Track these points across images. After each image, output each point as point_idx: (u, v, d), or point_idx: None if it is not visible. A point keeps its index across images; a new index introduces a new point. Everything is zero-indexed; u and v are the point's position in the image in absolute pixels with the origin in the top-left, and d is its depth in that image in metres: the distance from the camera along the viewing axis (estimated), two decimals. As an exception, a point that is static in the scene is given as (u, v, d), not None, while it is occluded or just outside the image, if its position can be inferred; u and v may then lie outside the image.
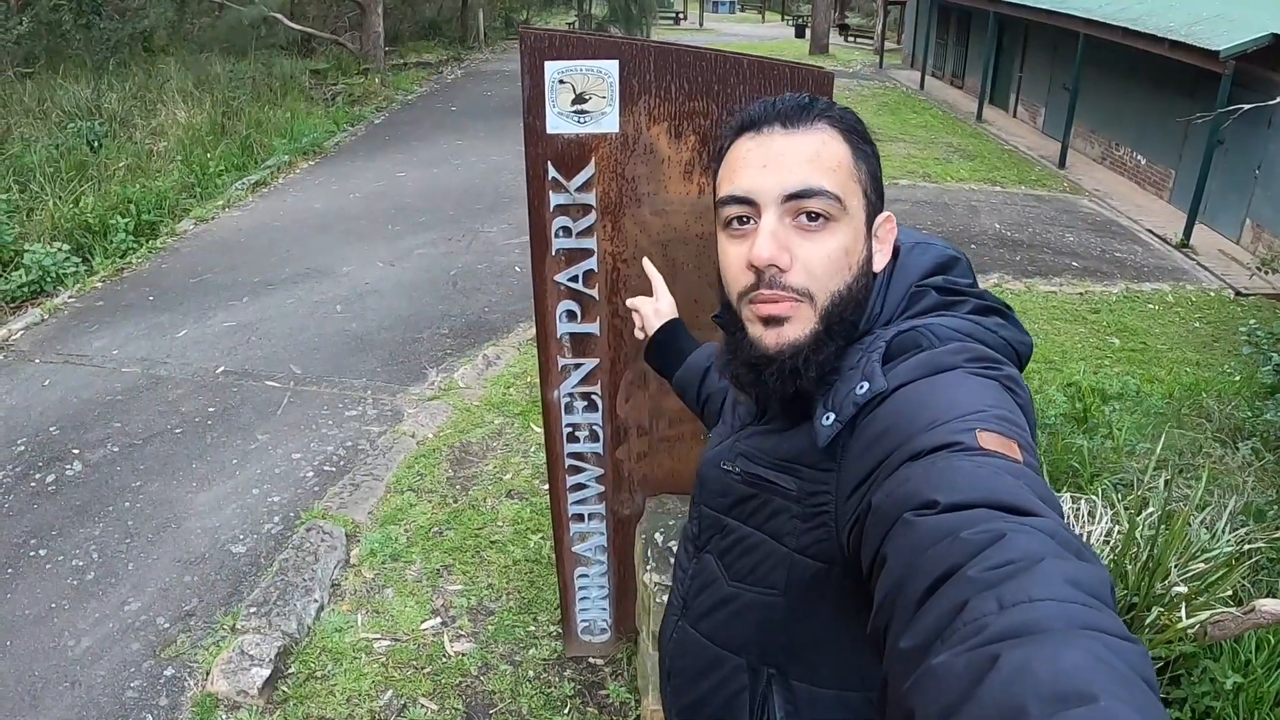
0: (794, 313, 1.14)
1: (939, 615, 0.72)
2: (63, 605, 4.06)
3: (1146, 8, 12.30)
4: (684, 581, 1.46)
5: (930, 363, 1.08)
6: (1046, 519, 0.79)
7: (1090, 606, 0.67)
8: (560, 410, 2.99)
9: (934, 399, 1.02)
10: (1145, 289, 9.18)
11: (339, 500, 4.72)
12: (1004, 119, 18.23)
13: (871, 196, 1.19)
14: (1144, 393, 6.14)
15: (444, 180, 11.37)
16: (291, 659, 3.70)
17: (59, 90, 13.06)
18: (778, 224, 1.13)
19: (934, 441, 0.94)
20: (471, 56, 23.22)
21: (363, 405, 5.80)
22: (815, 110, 1.17)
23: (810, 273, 1.13)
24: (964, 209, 11.46)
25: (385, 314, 7.24)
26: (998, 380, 1.06)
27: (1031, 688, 0.60)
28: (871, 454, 1.04)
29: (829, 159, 1.14)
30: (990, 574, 0.71)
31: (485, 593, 4.08)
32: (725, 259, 1.21)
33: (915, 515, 0.85)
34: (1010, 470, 0.87)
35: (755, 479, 1.26)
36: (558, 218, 2.70)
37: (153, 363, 6.37)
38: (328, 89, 16.84)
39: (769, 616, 1.26)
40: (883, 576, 0.85)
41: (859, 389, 1.10)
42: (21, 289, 7.57)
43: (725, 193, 1.18)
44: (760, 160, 1.15)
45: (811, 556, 1.17)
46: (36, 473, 5.05)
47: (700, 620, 1.40)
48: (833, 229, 1.13)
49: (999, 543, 0.74)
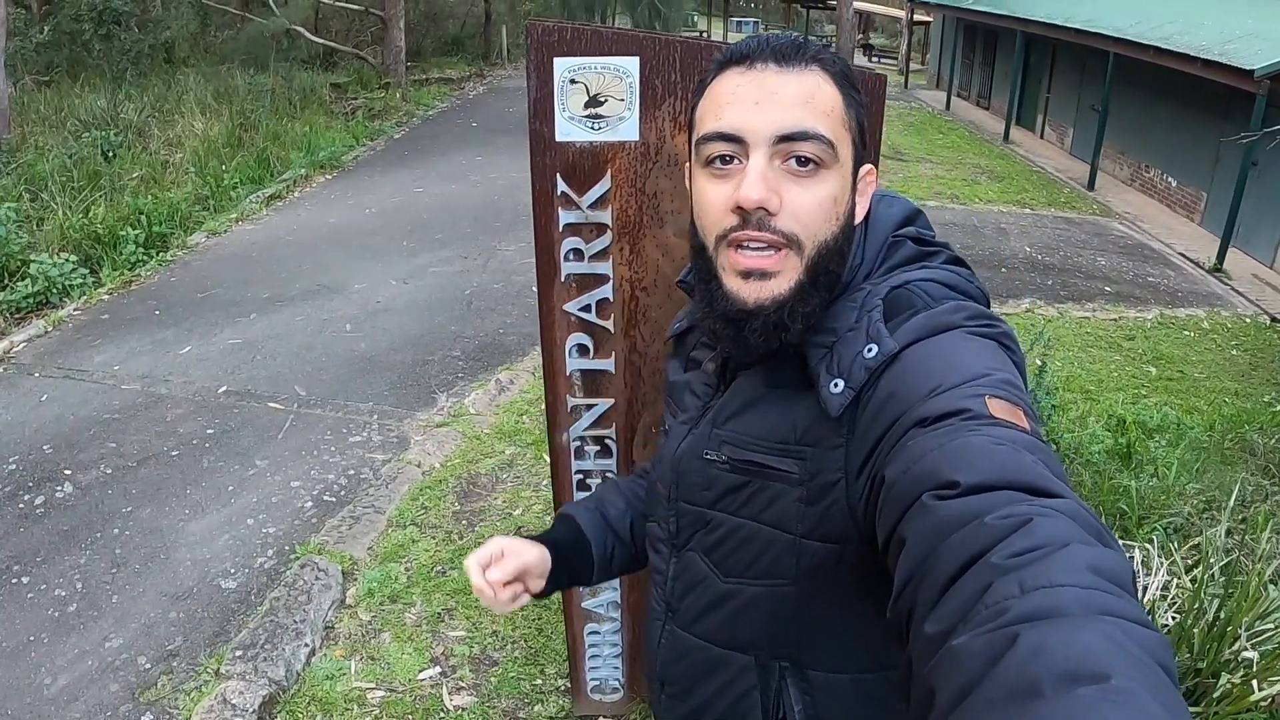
0: (781, 266, 1.08)
1: (963, 600, 0.72)
2: (41, 638, 3.83)
3: (1178, 26, 12.04)
4: (664, 585, 1.36)
5: (930, 324, 1.06)
6: (1068, 500, 0.78)
7: (1110, 593, 0.66)
8: (570, 455, 2.65)
9: (938, 361, 1.01)
10: (1180, 315, 8.91)
11: (337, 534, 4.45)
12: (1031, 140, 17.98)
13: (859, 146, 1.14)
14: (1184, 425, 5.88)
15: (462, 197, 11.14)
16: (278, 709, 3.44)
17: (76, 99, 12.96)
18: (767, 165, 1.06)
19: (943, 407, 0.93)
20: (494, 73, 23.05)
21: (368, 430, 5.55)
22: (809, 51, 1.10)
23: (799, 219, 1.07)
24: (993, 231, 11.19)
25: (396, 334, 6.99)
26: (996, 340, 1.05)
27: (1046, 666, 0.60)
28: (879, 421, 1.02)
29: (823, 102, 1.08)
30: (1014, 560, 0.71)
31: (489, 640, 3.80)
32: (704, 198, 1.12)
33: (935, 498, 0.82)
34: (1026, 444, 0.86)
35: (748, 466, 1.18)
36: (568, 238, 2.38)
37: (154, 380, 6.15)
38: (348, 103, 16.69)
39: (778, 608, 1.19)
40: (902, 559, 0.83)
41: (867, 352, 1.06)
42: (26, 300, 7.37)
43: (710, 129, 1.10)
44: (751, 96, 1.07)
45: (821, 539, 1.12)
46: (26, 494, 4.83)
47: (694, 623, 1.31)
48: (823, 176, 1.08)
49: (1024, 528, 0.73)
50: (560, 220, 2.36)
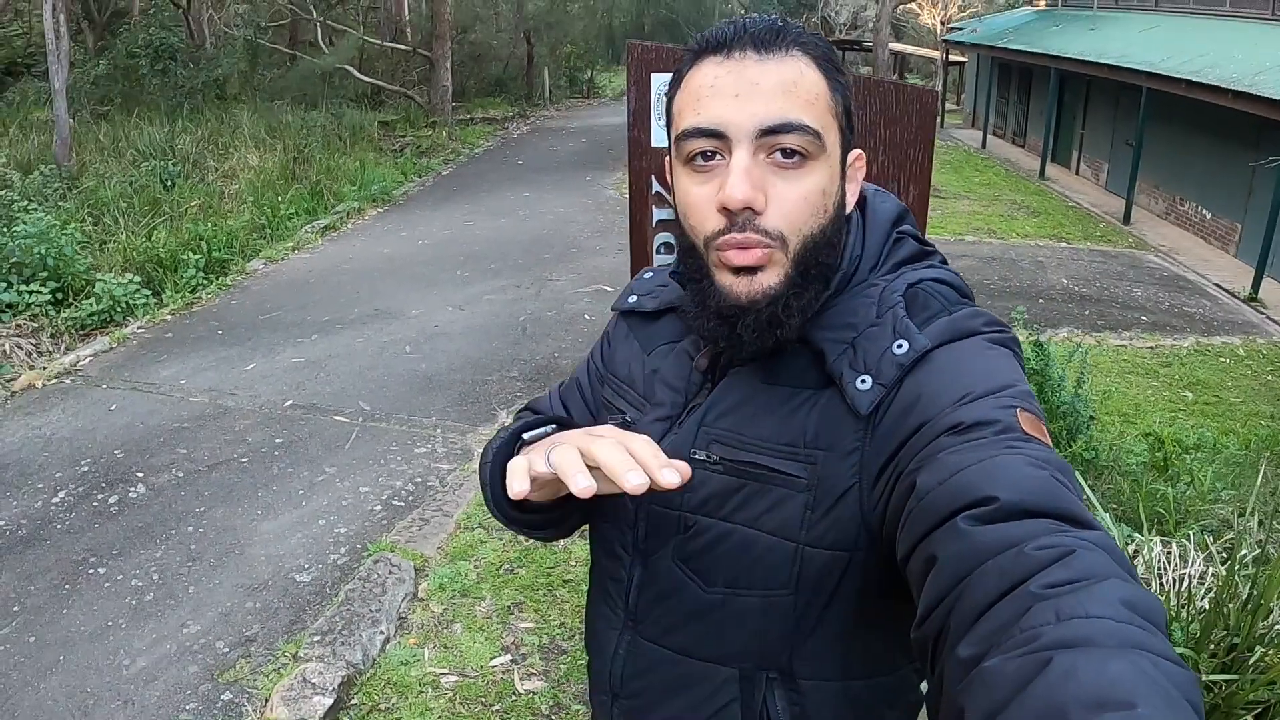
0: (767, 260, 1.03)
1: (998, 624, 0.72)
2: (119, 624, 4.04)
3: (1209, 59, 12.17)
4: (622, 593, 1.24)
5: (954, 328, 1.04)
6: (1100, 532, 0.78)
7: (1144, 629, 0.67)
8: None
9: (965, 367, 0.99)
10: (1216, 342, 8.98)
11: (407, 534, 4.67)
12: (1067, 176, 18.08)
13: (847, 132, 1.09)
14: (1221, 444, 5.98)
15: (511, 230, 11.44)
16: (355, 690, 3.63)
17: (133, 130, 13.42)
18: (751, 161, 1.01)
19: (975, 416, 0.91)
20: (537, 113, 23.52)
21: (432, 443, 5.77)
22: (789, 35, 1.04)
23: (785, 215, 1.02)
24: (1030, 264, 11.32)
25: (454, 356, 7.24)
26: (1009, 347, 1.05)
27: (1075, 693, 0.61)
28: (904, 425, 0.98)
29: (807, 90, 1.02)
30: (1052, 589, 0.71)
31: (558, 631, 3.99)
32: (688, 200, 1.07)
33: (972, 520, 0.81)
34: (1059, 466, 0.86)
35: (744, 468, 1.09)
36: (660, 234, 2.64)
37: (220, 393, 6.41)
38: (396, 140, 17.15)
39: (773, 618, 1.11)
40: (932, 579, 0.81)
41: (896, 348, 1.02)
42: (91, 317, 7.70)
43: (689, 124, 1.04)
44: (731, 88, 1.02)
45: (827, 546, 1.05)
46: (99, 493, 5.08)
47: (666, 634, 1.20)
48: (810, 167, 1.03)
49: (1064, 560, 0.73)
50: (654, 217, 2.61)
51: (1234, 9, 14.30)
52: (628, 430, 1.00)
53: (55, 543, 4.62)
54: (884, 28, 20.92)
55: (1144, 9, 16.98)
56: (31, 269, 7.74)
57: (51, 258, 7.84)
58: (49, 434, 5.80)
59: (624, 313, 1.36)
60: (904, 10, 30.17)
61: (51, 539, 4.66)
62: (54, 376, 6.70)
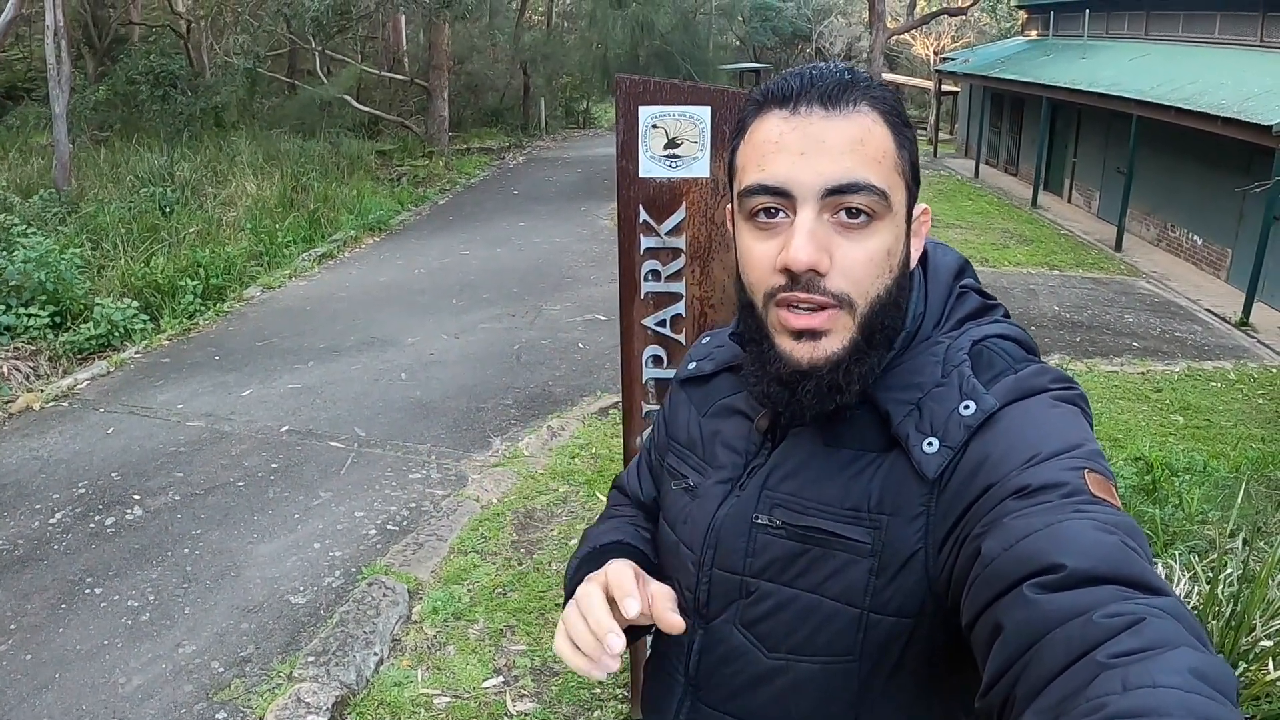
0: (832, 324, 1.01)
1: (1065, 694, 0.71)
2: (115, 643, 4.08)
3: (1198, 87, 12.29)
4: (684, 656, 1.21)
5: (1020, 386, 1.01)
6: (1171, 599, 0.77)
7: (1212, 699, 0.66)
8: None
9: (1032, 428, 0.96)
10: (1207, 367, 9.02)
11: (401, 558, 4.71)
12: (1059, 204, 18.20)
13: (913, 189, 1.07)
14: (1211, 467, 6.02)
15: (507, 259, 11.53)
16: (349, 710, 3.66)
17: (133, 156, 13.52)
18: (816, 222, 0.99)
19: (1042, 479, 0.89)
20: (533, 143, 23.66)
21: (426, 469, 5.81)
22: (858, 88, 1.01)
23: (850, 277, 1.00)
24: (1022, 292, 11.40)
25: (449, 383, 7.30)
26: (1076, 404, 1.02)
27: None
28: (970, 488, 0.96)
29: (874, 148, 1.00)
30: (1120, 659, 0.70)
31: (549, 654, 4.01)
32: (750, 256, 1.05)
33: (1038, 588, 0.79)
34: (1128, 529, 0.84)
35: (808, 533, 1.06)
36: (647, 261, 2.72)
37: (217, 418, 6.46)
38: (393, 169, 17.29)
39: (837, 686, 1.07)
40: (998, 648, 0.80)
41: (963, 409, 1.00)
42: (89, 341, 7.78)
43: (754, 180, 1.02)
44: (797, 145, 0.99)
45: (892, 613, 1.02)
46: (96, 514, 5.13)
47: (730, 700, 1.16)
48: (876, 227, 1.01)
49: (1134, 628, 0.72)
50: (642, 245, 2.72)
51: (1223, 36, 14.46)
52: (690, 494, 1.20)
53: (52, 563, 4.66)
54: (878, 58, 21.10)
55: (1134, 37, 17.13)
56: (30, 292, 7.83)
57: (50, 282, 7.93)
58: (46, 456, 5.85)
59: (683, 381, 1.35)
60: (897, 41, 30.40)
61: (48, 559, 4.69)
62: (52, 399, 6.75)
